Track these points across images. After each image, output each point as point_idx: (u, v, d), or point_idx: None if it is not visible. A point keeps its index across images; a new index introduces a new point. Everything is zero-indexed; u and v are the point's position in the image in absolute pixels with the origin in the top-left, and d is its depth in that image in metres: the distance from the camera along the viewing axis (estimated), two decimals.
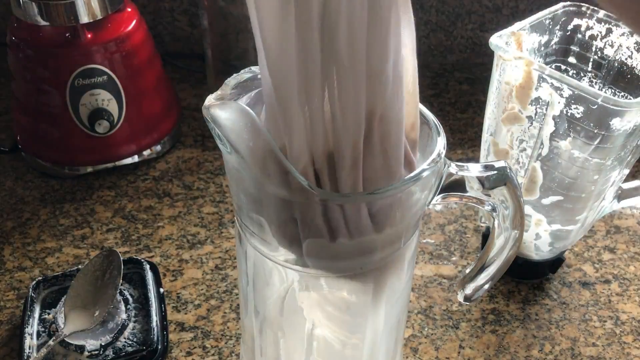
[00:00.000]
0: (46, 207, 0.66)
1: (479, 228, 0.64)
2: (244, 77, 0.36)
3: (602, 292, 0.59)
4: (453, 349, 0.54)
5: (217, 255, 0.61)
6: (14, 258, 0.60)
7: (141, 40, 0.67)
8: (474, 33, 0.87)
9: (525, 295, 0.59)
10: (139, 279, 0.57)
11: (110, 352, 0.51)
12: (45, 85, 0.64)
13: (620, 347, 0.55)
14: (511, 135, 0.51)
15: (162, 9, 0.85)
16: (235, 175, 0.34)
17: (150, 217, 0.65)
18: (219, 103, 0.33)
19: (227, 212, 0.66)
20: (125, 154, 0.69)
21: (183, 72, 0.85)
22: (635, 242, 0.64)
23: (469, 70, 0.87)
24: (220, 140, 0.32)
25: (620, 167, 0.50)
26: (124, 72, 0.65)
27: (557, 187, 0.50)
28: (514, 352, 0.54)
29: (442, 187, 0.36)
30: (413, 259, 0.39)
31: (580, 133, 0.47)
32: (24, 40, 0.64)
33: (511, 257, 0.39)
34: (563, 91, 0.46)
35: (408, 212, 0.34)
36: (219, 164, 0.71)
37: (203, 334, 0.54)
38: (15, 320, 0.55)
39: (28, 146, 0.69)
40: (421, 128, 0.37)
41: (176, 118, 0.74)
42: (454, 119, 0.79)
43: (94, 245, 0.62)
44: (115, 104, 0.66)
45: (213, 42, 0.72)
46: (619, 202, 0.55)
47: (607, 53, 0.53)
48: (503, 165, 0.36)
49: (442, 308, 0.57)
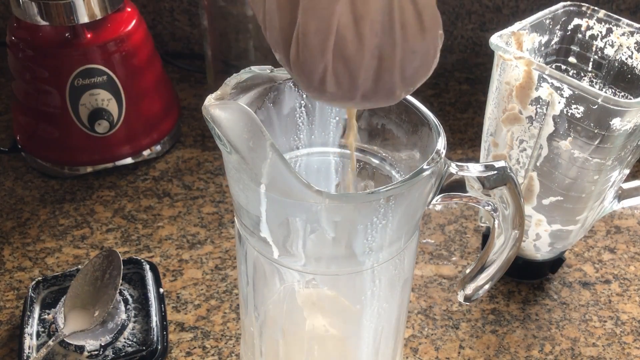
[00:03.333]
0: (46, 207, 0.66)
1: (479, 228, 0.64)
2: (244, 77, 0.36)
3: (603, 292, 0.59)
4: (453, 349, 0.54)
5: (217, 255, 0.61)
6: (13, 258, 0.60)
7: (141, 40, 0.67)
8: (474, 33, 0.87)
9: (526, 295, 0.59)
10: (138, 279, 0.57)
11: (110, 352, 0.51)
12: (45, 85, 0.64)
13: (621, 347, 0.55)
14: (511, 135, 0.51)
15: (162, 9, 0.85)
16: (235, 175, 0.34)
17: (150, 217, 0.65)
18: (219, 103, 0.33)
19: (227, 212, 0.66)
20: (125, 154, 0.69)
21: (183, 72, 0.85)
22: (636, 242, 0.64)
23: (469, 70, 0.87)
24: (220, 140, 0.32)
25: (620, 167, 0.50)
26: (123, 72, 0.65)
27: (557, 187, 0.50)
28: (514, 352, 0.54)
29: (442, 187, 0.36)
30: (413, 258, 0.39)
31: (580, 133, 0.47)
32: (24, 40, 0.64)
33: (511, 257, 0.39)
34: (563, 91, 0.46)
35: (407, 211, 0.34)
36: (219, 164, 0.71)
37: (203, 334, 0.54)
38: (15, 321, 0.55)
39: (28, 146, 0.69)
40: (421, 128, 0.37)
41: (176, 118, 0.74)
42: (454, 119, 0.79)
43: (93, 245, 0.62)
44: (115, 104, 0.66)
45: (213, 42, 0.72)
46: (619, 202, 0.55)
47: (608, 53, 0.53)
48: (503, 165, 0.36)
49: (442, 308, 0.57)
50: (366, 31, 0.27)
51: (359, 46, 0.28)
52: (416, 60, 0.29)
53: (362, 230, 0.33)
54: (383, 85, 0.30)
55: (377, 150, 0.40)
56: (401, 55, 0.28)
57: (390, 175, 0.40)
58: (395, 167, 0.40)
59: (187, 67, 0.85)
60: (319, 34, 0.28)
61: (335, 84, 0.29)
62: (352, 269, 0.36)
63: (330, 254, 0.35)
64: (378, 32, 0.27)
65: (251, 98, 0.36)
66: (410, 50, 0.28)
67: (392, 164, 0.40)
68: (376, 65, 0.28)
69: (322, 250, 0.35)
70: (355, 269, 0.36)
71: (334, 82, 0.29)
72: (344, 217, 0.33)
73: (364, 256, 0.35)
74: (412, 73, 0.30)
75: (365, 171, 0.41)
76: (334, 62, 0.28)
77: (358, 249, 0.34)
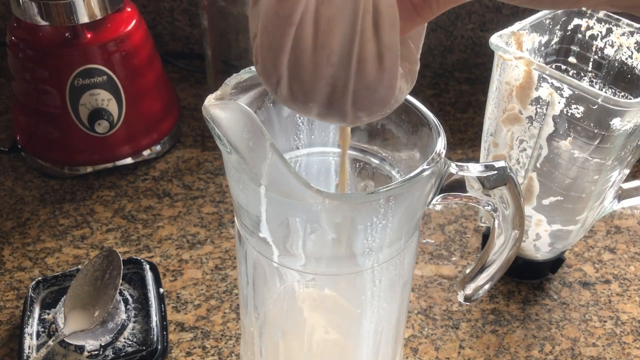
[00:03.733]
0: (46, 207, 0.66)
1: (479, 228, 0.64)
2: (244, 77, 0.36)
3: (603, 292, 0.59)
4: (453, 349, 0.54)
5: (217, 255, 0.61)
6: (13, 258, 0.60)
7: (141, 40, 0.67)
8: (474, 33, 0.87)
9: (526, 295, 0.59)
10: (138, 279, 0.57)
11: (110, 352, 0.51)
12: (45, 85, 0.64)
13: (621, 347, 0.55)
14: (511, 135, 0.51)
15: (162, 9, 0.85)
16: (235, 175, 0.34)
17: (150, 217, 0.65)
18: (219, 103, 0.33)
19: (227, 212, 0.66)
20: (125, 154, 0.69)
21: (183, 72, 0.85)
22: (636, 242, 0.64)
23: (469, 70, 0.87)
24: (220, 140, 0.32)
25: (620, 167, 0.50)
26: (123, 72, 0.65)
27: (557, 187, 0.50)
28: (514, 352, 0.54)
29: (442, 187, 0.36)
30: (413, 258, 0.39)
31: (580, 133, 0.47)
32: (24, 40, 0.64)
33: (511, 257, 0.39)
34: (563, 91, 0.46)
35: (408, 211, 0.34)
36: (219, 164, 0.71)
37: (203, 334, 0.54)
38: (15, 321, 0.55)
39: (28, 146, 0.69)
40: (421, 128, 0.37)
41: (176, 118, 0.74)
42: (454, 119, 0.79)
43: (93, 245, 0.62)
44: (115, 104, 0.66)
45: (213, 42, 0.72)
46: (619, 202, 0.55)
47: (608, 53, 0.53)
48: (503, 165, 0.36)
49: (442, 308, 0.57)
50: (322, 61, 0.27)
51: (313, 72, 0.28)
52: (370, 96, 0.29)
53: (362, 230, 0.33)
54: (335, 110, 0.30)
55: (377, 150, 0.40)
56: (354, 89, 0.28)
57: (390, 175, 0.40)
58: (395, 167, 0.40)
59: (187, 67, 0.85)
60: (272, 51, 0.28)
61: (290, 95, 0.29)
62: (352, 269, 0.36)
63: (330, 254, 0.35)
64: (335, 63, 0.27)
65: (251, 98, 0.36)
66: (365, 86, 0.28)
67: (392, 164, 0.40)
68: (328, 92, 0.29)
69: (322, 250, 0.35)
70: (355, 269, 0.36)
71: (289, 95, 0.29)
72: (344, 217, 0.33)
73: (364, 256, 0.35)
74: (365, 106, 0.30)
75: (365, 171, 0.41)
76: (289, 78, 0.29)
77: (358, 249, 0.34)
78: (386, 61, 0.28)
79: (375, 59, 0.28)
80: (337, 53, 0.27)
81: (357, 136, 0.40)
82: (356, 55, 0.27)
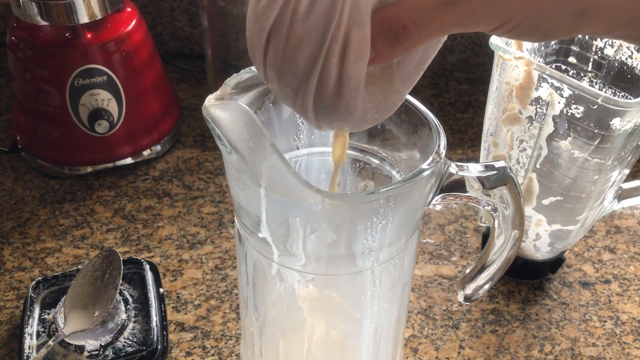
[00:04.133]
0: (46, 207, 0.66)
1: (479, 228, 0.64)
2: (244, 77, 0.36)
3: (602, 292, 0.59)
4: (453, 349, 0.54)
5: (217, 255, 0.61)
6: (13, 258, 0.60)
7: (141, 40, 0.67)
8: (474, 33, 0.87)
9: (525, 295, 0.59)
10: (138, 279, 0.57)
11: (110, 352, 0.51)
12: (45, 85, 0.64)
13: (621, 347, 0.55)
14: (511, 135, 0.51)
15: (162, 9, 0.85)
16: (235, 175, 0.34)
17: (150, 217, 0.65)
18: (219, 103, 0.33)
19: (227, 212, 0.66)
20: (125, 154, 0.69)
21: (183, 72, 0.85)
22: (636, 242, 0.64)
23: (469, 70, 0.87)
24: (220, 140, 0.32)
25: (620, 167, 0.50)
26: (123, 72, 0.65)
27: (557, 187, 0.50)
28: (514, 352, 0.54)
29: (442, 187, 0.36)
30: (413, 259, 0.39)
31: (580, 133, 0.47)
32: (24, 40, 0.64)
33: (511, 257, 0.39)
34: (563, 91, 0.46)
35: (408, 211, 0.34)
36: (219, 164, 0.71)
37: (203, 334, 0.54)
38: (15, 321, 0.55)
39: (28, 146, 0.69)
40: (421, 128, 0.37)
41: (176, 118, 0.74)
42: (454, 119, 0.79)
43: (93, 245, 0.62)
44: (115, 104, 0.66)
45: (213, 42, 0.72)
46: (619, 202, 0.55)
47: (607, 53, 0.53)
48: (503, 165, 0.36)
49: (442, 308, 0.57)
50: (290, 71, 0.29)
51: (281, 77, 0.29)
52: (329, 114, 0.30)
53: (362, 230, 0.33)
54: (302, 114, 0.31)
55: (377, 150, 0.40)
56: (314, 106, 0.30)
57: (390, 175, 0.40)
58: (395, 167, 0.40)
59: (187, 67, 0.85)
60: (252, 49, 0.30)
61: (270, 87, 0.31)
62: (352, 269, 0.36)
63: (330, 254, 0.35)
64: (300, 76, 0.28)
65: (251, 98, 0.36)
66: (323, 106, 0.29)
67: (392, 164, 0.40)
68: (293, 99, 0.30)
69: (322, 250, 0.35)
70: (355, 269, 0.36)
71: (268, 82, 0.31)
72: (344, 218, 0.33)
73: (364, 256, 0.35)
74: (327, 123, 0.31)
75: (365, 171, 0.41)
76: (267, 71, 0.30)
77: (358, 249, 0.34)
78: (344, 90, 0.29)
79: (335, 85, 0.29)
80: (302, 68, 0.28)
81: (357, 136, 0.40)
82: (317, 77, 0.28)
